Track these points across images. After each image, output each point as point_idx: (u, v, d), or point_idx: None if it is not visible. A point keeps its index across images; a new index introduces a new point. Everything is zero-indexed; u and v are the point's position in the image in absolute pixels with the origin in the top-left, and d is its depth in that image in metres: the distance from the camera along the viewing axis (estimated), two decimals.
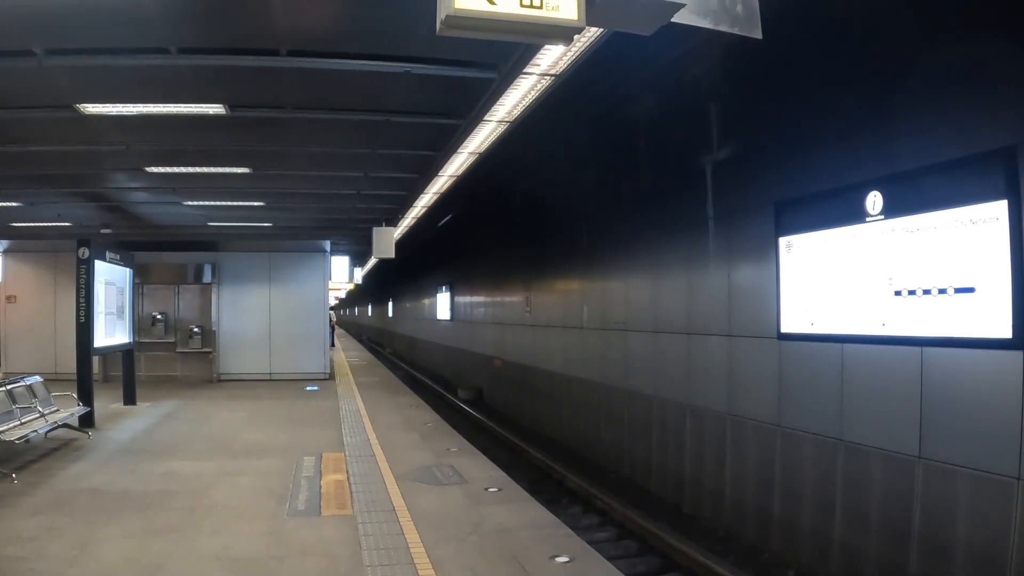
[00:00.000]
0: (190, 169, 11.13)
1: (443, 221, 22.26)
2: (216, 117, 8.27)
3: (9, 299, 19.86)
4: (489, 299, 21.93)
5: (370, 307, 64.90)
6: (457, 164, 11.05)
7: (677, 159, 10.35)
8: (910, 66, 6.44)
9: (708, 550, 8.42)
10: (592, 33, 5.92)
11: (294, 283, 20.76)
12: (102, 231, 17.35)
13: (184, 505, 7.61)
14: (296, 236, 20.53)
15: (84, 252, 12.62)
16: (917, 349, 6.34)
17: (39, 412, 10.39)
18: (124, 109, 7.91)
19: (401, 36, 6.16)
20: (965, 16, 5.97)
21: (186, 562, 5.96)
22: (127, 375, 15.29)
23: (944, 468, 6.10)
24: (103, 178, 12.07)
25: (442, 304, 28.27)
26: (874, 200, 6.69)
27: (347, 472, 9.07)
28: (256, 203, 14.43)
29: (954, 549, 6.01)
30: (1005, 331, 5.50)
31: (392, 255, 16.33)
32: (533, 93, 7.55)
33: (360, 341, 53.03)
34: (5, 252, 20.01)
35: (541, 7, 3.47)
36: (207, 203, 14.27)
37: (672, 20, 3.84)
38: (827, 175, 7.34)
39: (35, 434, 9.83)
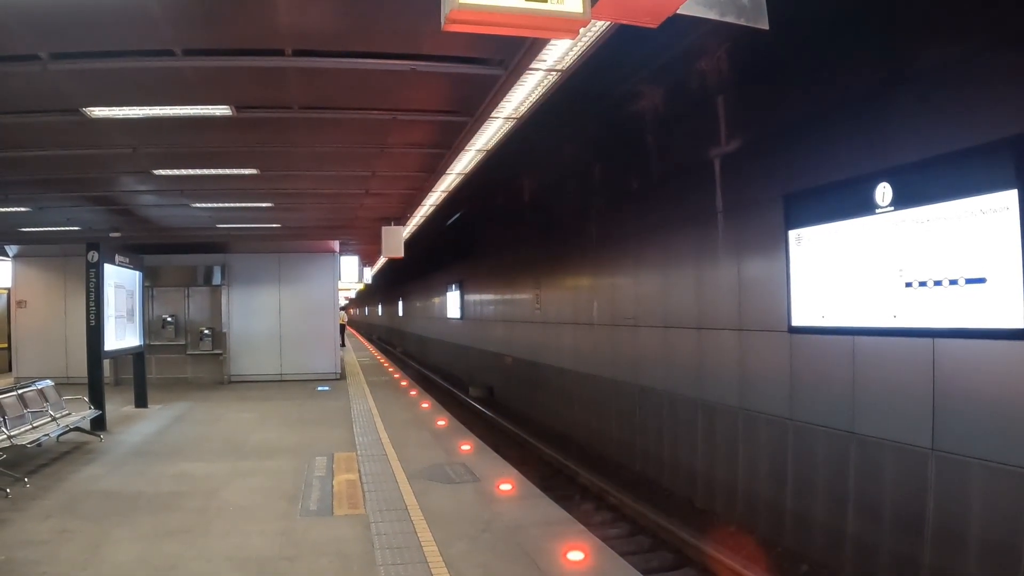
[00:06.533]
0: (197, 171, 11.13)
1: (452, 219, 22.27)
2: (222, 118, 8.27)
3: (20, 304, 19.96)
4: (499, 297, 21.93)
5: (380, 306, 65.03)
6: (465, 162, 11.01)
7: (685, 153, 10.32)
8: (917, 55, 6.39)
9: (721, 544, 8.40)
10: (598, 27, 5.88)
11: (304, 283, 20.81)
12: (111, 235, 17.36)
13: (196, 506, 7.63)
14: (305, 236, 20.54)
15: (93, 256, 12.66)
16: (929, 340, 6.30)
17: (50, 416, 10.45)
18: (130, 112, 7.90)
19: (406, 33, 6.13)
20: (974, 4, 5.93)
21: (198, 563, 5.96)
22: (138, 378, 15.34)
23: (957, 460, 6.06)
24: (111, 181, 12.09)
25: (452, 303, 28.29)
26: (883, 191, 6.65)
27: (359, 471, 9.07)
28: (264, 204, 14.42)
29: (968, 540, 5.97)
30: (1017, 321, 5.46)
31: (401, 254, 16.32)
32: (540, 89, 7.50)
33: (371, 341, 53.16)
34: (15, 257, 20.10)
35: (546, 0, 3.44)
36: (215, 205, 14.28)
37: (678, 12, 3.81)
38: (836, 167, 7.30)
39: (47, 438, 9.87)
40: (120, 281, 14.02)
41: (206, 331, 20.08)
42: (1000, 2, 5.67)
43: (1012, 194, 5.49)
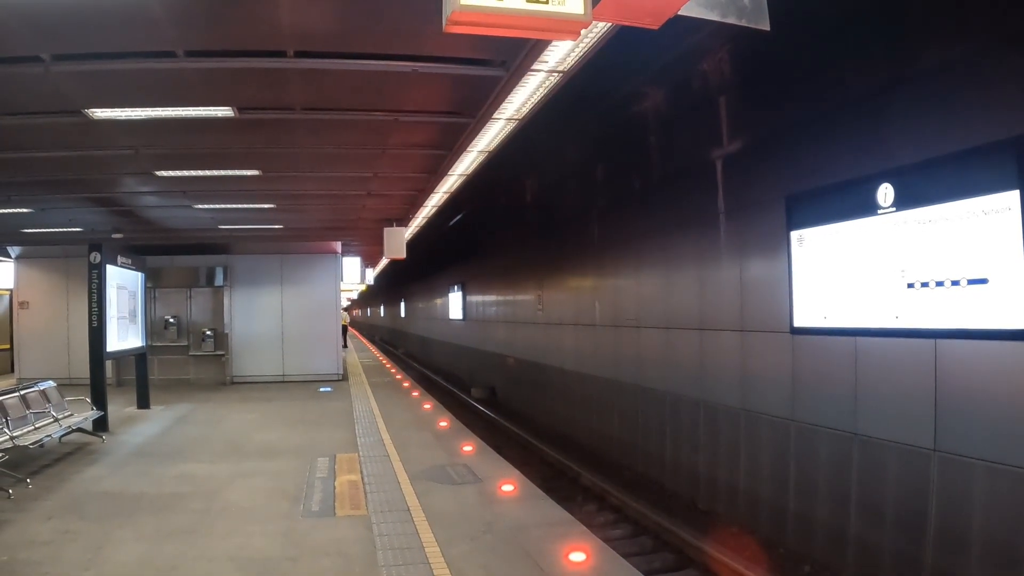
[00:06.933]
0: (200, 172, 11.14)
1: (455, 220, 22.24)
2: (225, 119, 8.27)
3: (22, 305, 19.98)
4: (501, 298, 21.92)
5: (382, 308, 64.98)
6: (467, 163, 11.02)
7: (687, 154, 10.31)
8: (918, 56, 6.39)
9: (723, 545, 8.39)
10: (600, 28, 5.88)
11: (306, 284, 20.82)
12: (113, 236, 17.37)
13: (198, 507, 7.63)
14: (307, 237, 20.54)
15: (95, 257, 12.67)
16: (931, 341, 6.29)
17: (53, 417, 10.47)
18: (132, 113, 7.90)
19: (407, 34, 6.14)
20: (974, 4, 5.93)
21: (200, 563, 5.97)
22: (140, 379, 15.34)
23: (960, 460, 6.05)
24: (113, 183, 12.09)
25: (454, 304, 28.27)
26: (885, 192, 6.64)
27: (361, 472, 9.07)
28: (266, 205, 14.42)
29: (970, 541, 5.96)
30: (1019, 322, 5.45)
31: (403, 255, 16.31)
32: (542, 90, 7.50)
33: (373, 342, 53.15)
34: (17, 258, 20.12)
35: (547, 2, 3.44)
36: (217, 206, 14.28)
37: (680, 13, 3.81)
38: (837, 168, 7.29)
39: (49, 439, 9.88)
40: (122, 282, 14.04)
41: (208, 332, 20.10)
42: (1000, 2, 5.67)
43: (1014, 195, 5.48)
